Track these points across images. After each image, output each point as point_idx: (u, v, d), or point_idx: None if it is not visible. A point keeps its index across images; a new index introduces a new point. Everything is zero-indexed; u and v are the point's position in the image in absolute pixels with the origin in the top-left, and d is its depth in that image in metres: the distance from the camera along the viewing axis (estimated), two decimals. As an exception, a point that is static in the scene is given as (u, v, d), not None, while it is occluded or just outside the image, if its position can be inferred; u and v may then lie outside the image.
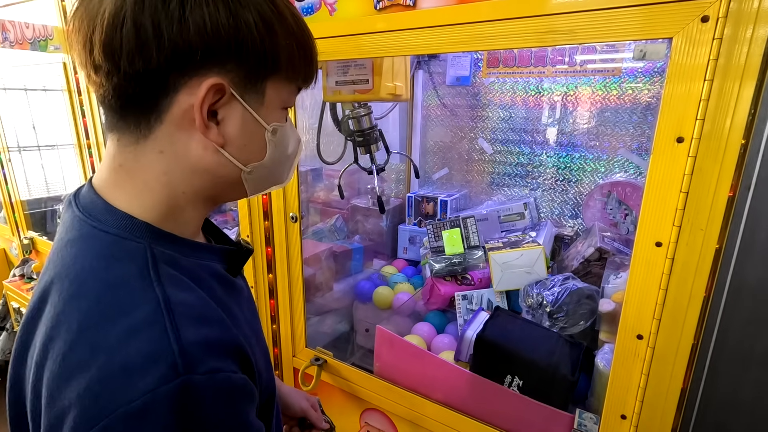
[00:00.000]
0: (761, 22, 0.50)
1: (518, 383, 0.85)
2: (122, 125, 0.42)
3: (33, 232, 1.93)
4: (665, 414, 0.65)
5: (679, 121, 0.55)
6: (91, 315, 0.37)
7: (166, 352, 0.35)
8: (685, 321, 0.60)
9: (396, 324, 1.16)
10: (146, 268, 0.40)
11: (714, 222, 0.56)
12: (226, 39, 0.39)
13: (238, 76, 0.42)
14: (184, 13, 0.37)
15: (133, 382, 0.34)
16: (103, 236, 0.41)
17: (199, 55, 0.39)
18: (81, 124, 1.48)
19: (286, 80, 0.46)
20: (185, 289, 0.41)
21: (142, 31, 0.37)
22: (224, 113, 0.42)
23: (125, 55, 0.37)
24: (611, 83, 1.19)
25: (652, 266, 0.61)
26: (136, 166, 0.43)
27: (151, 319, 0.37)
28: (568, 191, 1.32)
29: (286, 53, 0.43)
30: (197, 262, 0.45)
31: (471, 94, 1.41)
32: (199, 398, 0.36)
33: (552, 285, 0.97)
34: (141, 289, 0.38)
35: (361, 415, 1.07)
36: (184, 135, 0.42)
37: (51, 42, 1.44)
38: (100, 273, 0.39)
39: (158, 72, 0.39)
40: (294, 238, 1.05)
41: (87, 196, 0.44)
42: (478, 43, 0.68)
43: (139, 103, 0.40)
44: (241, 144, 0.44)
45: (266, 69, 0.43)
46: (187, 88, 0.40)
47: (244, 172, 0.46)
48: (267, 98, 0.44)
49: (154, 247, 0.42)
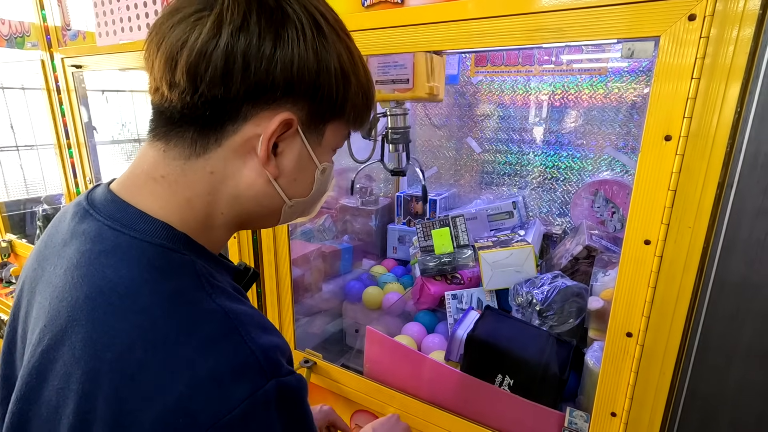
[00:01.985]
0: (747, 21, 0.50)
1: (509, 382, 0.85)
2: (175, 138, 0.41)
3: (12, 235, 1.87)
4: (654, 410, 0.65)
5: (667, 119, 0.55)
6: (158, 330, 0.36)
7: (250, 359, 0.36)
8: (673, 318, 0.61)
9: (386, 324, 1.15)
10: (199, 280, 0.40)
11: (701, 220, 0.57)
12: (308, 80, 0.40)
13: (306, 116, 0.43)
14: (275, 52, 0.38)
15: (227, 392, 0.34)
16: (147, 246, 0.39)
17: (279, 91, 0.40)
18: (61, 124, 1.44)
19: (345, 123, 0.48)
20: (236, 300, 0.41)
21: (231, 61, 0.38)
22: (285, 147, 0.43)
23: (208, 80, 0.38)
24: (597, 82, 1.20)
25: (640, 264, 0.61)
26: (182, 180, 0.42)
27: (225, 329, 0.37)
28: (556, 190, 1.33)
29: (353, 100, 0.45)
30: (222, 277, 0.45)
31: (459, 93, 1.41)
32: (291, 398, 0.38)
33: (541, 283, 0.97)
34: (202, 301, 0.38)
35: (351, 417, 1.06)
36: (239, 161, 0.42)
37: (28, 39, 1.40)
38: (155, 286, 0.38)
39: (234, 100, 0.39)
40: (282, 239, 1.04)
41: (110, 205, 0.42)
42: (466, 42, 0.68)
43: (204, 124, 0.41)
44: (293, 178, 0.46)
45: (333, 113, 0.45)
46: (256, 118, 0.41)
47: (286, 205, 0.47)
48: (325, 139, 0.46)
49: (197, 260, 0.41)
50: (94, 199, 0.44)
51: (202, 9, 0.38)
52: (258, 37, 0.38)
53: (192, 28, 0.38)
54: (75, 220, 0.43)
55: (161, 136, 0.42)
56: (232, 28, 0.37)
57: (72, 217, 0.44)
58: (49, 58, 1.37)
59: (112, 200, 0.42)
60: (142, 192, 0.42)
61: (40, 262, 0.45)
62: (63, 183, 1.55)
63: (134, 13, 1.02)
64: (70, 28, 1.29)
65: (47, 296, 0.41)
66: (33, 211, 1.99)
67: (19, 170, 2.06)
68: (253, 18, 0.38)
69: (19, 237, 1.86)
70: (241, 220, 0.47)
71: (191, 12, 0.39)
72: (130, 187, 0.43)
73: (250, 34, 0.38)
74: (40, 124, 1.54)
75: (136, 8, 1.01)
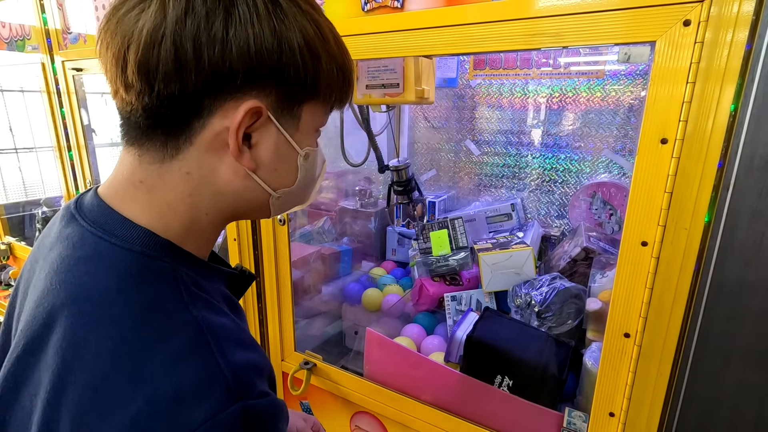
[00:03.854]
0: (740, 26, 0.51)
1: (508, 383, 0.85)
2: (147, 143, 0.39)
3: (11, 237, 1.87)
4: (652, 411, 0.66)
5: (663, 122, 0.56)
6: (126, 342, 0.34)
7: (218, 377, 0.34)
8: (670, 319, 0.62)
9: (385, 326, 1.15)
10: (178, 289, 0.38)
11: (697, 221, 0.57)
12: (268, 62, 0.37)
13: (276, 100, 0.40)
14: (227, 34, 0.35)
15: (188, 412, 0.33)
16: (126, 254, 0.38)
17: (239, 78, 0.37)
18: (61, 126, 1.45)
19: (323, 103, 0.44)
20: (217, 312, 0.40)
21: (182, 52, 0.35)
22: (258, 137, 0.40)
23: (161, 77, 0.35)
24: (595, 85, 1.21)
25: (638, 266, 0.62)
26: (159, 184, 0.40)
27: (196, 343, 0.35)
28: (554, 192, 1.34)
29: (326, 78, 0.41)
30: (211, 284, 0.44)
31: (458, 95, 1.42)
32: (256, 422, 0.35)
33: (540, 285, 0.98)
34: (178, 312, 0.37)
35: (351, 419, 1.06)
36: (214, 158, 0.40)
37: (29, 42, 1.40)
38: (130, 295, 0.36)
39: (194, 95, 0.37)
40: (282, 241, 1.04)
41: (96, 210, 0.41)
42: (465, 46, 0.69)
43: (169, 124, 0.38)
44: (273, 169, 0.43)
45: (305, 93, 0.41)
46: (222, 111, 0.38)
47: (272, 197, 0.45)
48: (302, 122, 0.43)
49: (179, 268, 0.40)
50: (82, 204, 0.42)
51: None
52: (206, 19, 0.35)
53: (136, 20, 0.35)
54: (62, 224, 0.42)
55: (133, 142, 0.40)
56: (177, 13, 0.34)
57: (60, 220, 0.43)
58: (49, 61, 1.38)
59: (98, 205, 0.41)
60: (125, 198, 0.41)
61: (32, 264, 0.45)
62: (63, 185, 1.55)
63: (135, 17, 1.03)
64: (71, 32, 1.29)
65: (29, 299, 0.41)
66: (32, 214, 1.99)
67: (18, 173, 2.06)
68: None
69: (18, 239, 1.86)
70: (228, 216, 0.45)
71: (135, 3, 0.36)
72: (114, 192, 0.42)
73: (197, 18, 0.34)
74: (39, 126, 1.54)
75: (137, 12, 1.02)
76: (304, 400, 1.14)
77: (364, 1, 0.77)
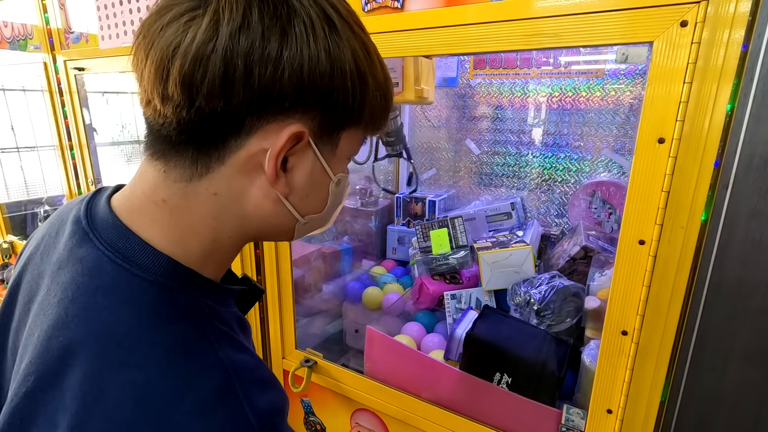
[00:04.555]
0: (737, 26, 0.51)
1: (507, 381, 0.86)
2: (175, 158, 0.37)
3: (12, 236, 1.88)
4: (649, 407, 0.67)
5: (660, 122, 0.57)
6: (150, 389, 0.32)
7: (245, 427, 0.34)
8: (667, 317, 0.62)
9: (386, 324, 1.16)
10: (201, 327, 0.36)
11: (694, 220, 0.58)
12: (320, 86, 0.35)
13: (318, 125, 0.38)
14: (282, 54, 0.33)
15: None
16: (148, 287, 0.36)
17: (287, 100, 0.35)
18: (63, 125, 1.45)
19: (362, 130, 0.42)
20: (238, 349, 0.38)
21: (231, 69, 0.32)
22: (295, 161, 0.38)
23: (205, 92, 0.33)
24: (595, 85, 1.21)
25: (635, 264, 0.62)
26: (184, 204, 0.38)
27: (223, 390, 0.34)
28: (553, 191, 1.34)
29: (371, 104, 0.40)
30: (227, 309, 0.42)
31: (458, 95, 1.42)
32: None
33: (539, 283, 0.98)
34: (204, 356, 0.35)
35: (351, 416, 1.07)
36: (246, 180, 0.38)
37: (31, 41, 1.41)
38: (152, 336, 0.34)
39: (237, 113, 0.34)
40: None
41: (112, 230, 0.38)
42: (465, 46, 0.69)
43: (204, 141, 0.36)
44: (304, 195, 0.41)
45: (348, 120, 0.39)
46: (262, 132, 0.36)
47: (299, 222, 0.43)
48: (339, 148, 0.41)
49: (201, 300, 0.38)
50: (94, 219, 0.39)
51: (195, 7, 0.33)
52: (261, 37, 0.33)
53: (185, 30, 0.33)
54: (73, 241, 0.39)
55: (159, 156, 0.38)
56: (232, 27, 0.32)
57: (70, 236, 0.39)
58: (51, 60, 1.38)
59: (113, 225, 0.38)
60: (144, 217, 0.38)
61: (35, 276, 0.41)
62: (65, 184, 1.55)
63: (137, 17, 1.04)
64: (73, 31, 1.30)
65: (38, 324, 0.37)
66: (34, 213, 2.00)
67: (20, 171, 2.07)
68: (254, 15, 0.33)
69: (20, 238, 1.87)
70: (250, 238, 0.43)
71: (183, 10, 0.33)
72: (131, 209, 0.39)
73: (253, 34, 0.32)
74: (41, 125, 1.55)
75: (139, 12, 1.03)
76: (305, 397, 1.15)
77: (365, 2, 0.78)
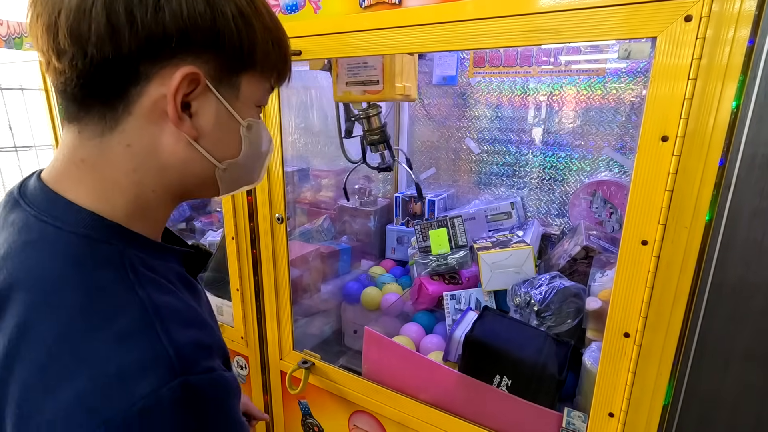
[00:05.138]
0: (743, 22, 0.50)
1: (507, 383, 0.85)
2: (85, 116, 0.40)
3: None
4: (652, 411, 0.65)
5: (664, 119, 0.56)
6: (72, 324, 0.35)
7: (161, 355, 0.35)
8: (670, 319, 0.61)
9: (384, 325, 1.15)
10: (124, 271, 0.39)
11: (698, 220, 0.57)
12: (202, 27, 0.38)
13: (214, 68, 0.40)
14: (159, 0, 0.36)
15: (130, 388, 0.33)
16: (72, 238, 0.38)
17: (174, 42, 0.37)
18: (59, 125, 1.44)
19: (261, 77, 0.45)
20: (166, 292, 0.40)
21: (114, 15, 0.35)
22: (198, 105, 0.41)
23: (94, 40, 0.36)
24: (596, 83, 1.20)
25: (638, 265, 0.61)
26: (102, 161, 0.40)
27: (140, 323, 0.36)
28: (554, 190, 1.33)
29: (262, 49, 0.43)
30: (164, 264, 0.44)
31: (457, 93, 1.41)
32: (198, 398, 0.36)
33: (539, 284, 0.97)
34: (124, 294, 0.37)
35: (349, 418, 1.06)
36: (155, 128, 0.40)
37: (26, 39, 1.40)
38: (75, 279, 0.37)
39: (129, 59, 0.37)
40: (280, 240, 1.04)
41: (39, 194, 0.41)
42: (463, 42, 0.68)
43: (106, 93, 0.38)
44: (216, 138, 0.43)
45: (242, 63, 0.42)
46: (158, 77, 0.38)
47: (218, 170, 0.45)
48: (242, 93, 0.44)
49: (127, 250, 0.40)
50: (26, 190, 0.42)
51: None
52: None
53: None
54: (5, 210, 0.42)
55: (73, 118, 0.40)
56: None
57: (3, 206, 0.43)
58: (47, 58, 1.37)
59: (41, 189, 0.41)
60: (68, 180, 0.41)
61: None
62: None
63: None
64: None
65: None
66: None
67: (18, 171, 2.06)
68: None
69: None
70: (177, 193, 0.45)
71: None
72: (57, 175, 0.42)
73: None
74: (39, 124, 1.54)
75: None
76: (302, 399, 1.14)
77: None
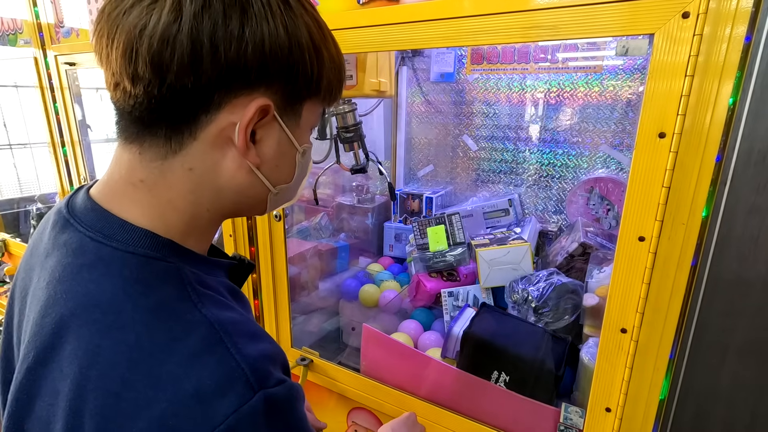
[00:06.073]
0: (740, 18, 0.50)
1: (505, 379, 0.85)
2: (149, 138, 0.39)
3: (5, 234, 1.86)
4: (649, 406, 0.66)
5: (661, 116, 0.56)
6: (141, 346, 0.35)
7: (236, 371, 0.35)
8: (667, 314, 0.61)
9: (382, 322, 1.15)
10: (184, 289, 0.38)
11: (695, 216, 0.57)
12: (281, 59, 0.38)
13: (281, 98, 0.41)
14: (244, 31, 0.36)
15: (212, 407, 0.33)
16: (130, 258, 0.38)
17: (252, 74, 0.38)
18: (54, 122, 1.43)
19: (321, 102, 0.46)
20: (224, 307, 0.40)
21: (198, 45, 0.35)
22: (263, 134, 0.41)
23: (175, 68, 0.35)
24: (593, 80, 1.20)
25: (635, 261, 0.61)
26: (162, 182, 0.40)
27: (209, 341, 0.36)
28: (551, 187, 1.33)
29: (327, 77, 0.43)
30: (214, 278, 0.44)
31: (455, 90, 1.41)
32: (279, 409, 0.37)
33: (537, 280, 0.97)
34: (188, 311, 0.37)
35: (348, 415, 1.06)
36: (218, 153, 0.40)
37: (21, 36, 1.39)
38: (138, 299, 0.36)
39: (206, 88, 0.37)
40: (278, 237, 1.04)
41: (91, 214, 0.40)
42: (461, 39, 0.68)
43: (175, 118, 0.38)
44: (274, 165, 0.44)
45: (308, 91, 0.43)
46: (230, 106, 0.39)
47: (271, 193, 0.46)
48: (302, 120, 0.45)
49: (183, 267, 0.40)
50: (74, 207, 0.42)
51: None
52: (223, 15, 0.36)
53: (149, 13, 0.35)
54: (56, 230, 0.42)
55: (133, 139, 0.40)
56: (194, 8, 0.35)
57: (53, 226, 0.42)
58: (42, 55, 1.36)
59: (92, 209, 0.41)
60: (123, 199, 0.41)
61: (27, 271, 0.45)
62: (57, 181, 1.54)
63: (128, 10, 1.02)
64: (63, 26, 1.28)
65: (33, 309, 0.40)
66: (27, 210, 1.98)
67: (13, 169, 2.05)
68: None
69: (13, 236, 1.85)
70: (227, 212, 0.46)
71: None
72: (110, 194, 0.41)
73: (215, 14, 0.35)
74: (34, 122, 1.53)
75: (130, 5, 1.01)
76: (301, 396, 1.14)
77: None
